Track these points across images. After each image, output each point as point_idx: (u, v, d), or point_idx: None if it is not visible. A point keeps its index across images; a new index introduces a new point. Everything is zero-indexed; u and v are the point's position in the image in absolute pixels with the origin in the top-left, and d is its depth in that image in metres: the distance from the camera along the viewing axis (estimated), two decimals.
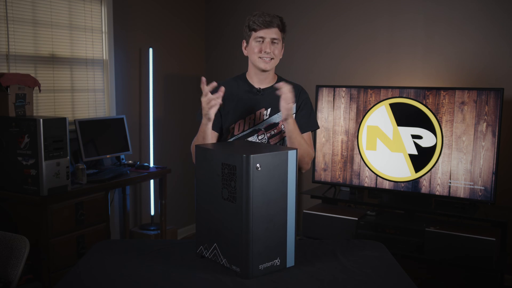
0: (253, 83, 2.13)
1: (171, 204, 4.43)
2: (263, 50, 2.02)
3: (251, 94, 2.12)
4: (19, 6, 3.22)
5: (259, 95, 2.11)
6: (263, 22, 2.00)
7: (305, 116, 2.16)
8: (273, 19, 2.01)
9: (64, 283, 1.63)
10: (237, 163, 1.58)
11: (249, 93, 2.12)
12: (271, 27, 2.01)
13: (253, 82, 2.13)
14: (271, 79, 2.14)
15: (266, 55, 2.03)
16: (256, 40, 2.03)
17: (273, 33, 2.02)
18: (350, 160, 3.62)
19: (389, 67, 3.94)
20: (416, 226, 3.26)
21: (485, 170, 3.18)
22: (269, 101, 2.11)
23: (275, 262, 1.67)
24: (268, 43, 2.02)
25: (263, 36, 2.02)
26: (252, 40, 2.05)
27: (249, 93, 2.12)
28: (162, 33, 4.38)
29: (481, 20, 3.59)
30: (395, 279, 1.70)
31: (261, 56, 2.04)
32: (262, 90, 2.12)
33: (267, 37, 2.02)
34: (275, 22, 2.01)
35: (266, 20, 2.00)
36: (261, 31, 2.01)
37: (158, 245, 1.96)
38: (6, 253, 2.08)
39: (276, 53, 2.05)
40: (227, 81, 2.16)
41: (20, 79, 2.97)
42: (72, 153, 3.47)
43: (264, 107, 2.11)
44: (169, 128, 4.51)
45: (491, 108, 3.14)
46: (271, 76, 2.13)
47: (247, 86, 2.13)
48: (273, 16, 2.03)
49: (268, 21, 2.00)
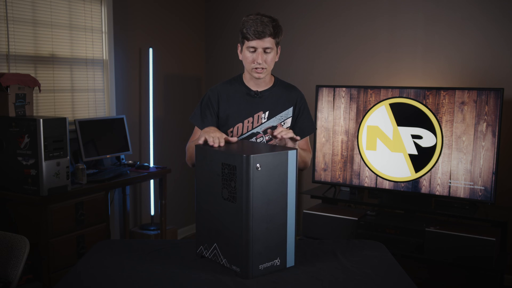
0: (250, 86, 2.13)
1: (171, 204, 4.43)
2: (255, 61, 2.02)
3: (249, 97, 2.11)
4: (19, 6, 3.22)
5: (257, 98, 2.11)
6: (255, 33, 1.97)
7: (305, 120, 2.17)
8: (265, 29, 1.97)
9: (64, 283, 1.63)
10: (237, 163, 1.58)
11: (247, 96, 2.11)
12: (263, 38, 1.98)
13: (249, 85, 2.13)
14: (267, 82, 2.14)
15: (258, 65, 2.02)
16: (248, 50, 2.02)
17: (265, 43, 1.99)
18: (350, 160, 3.62)
19: (389, 67, 3.94)
20: (416, 226, 3.26)
21: (485, 170, 3.18)
22: (267, 104, 2.11)
23: (275, 262, 1.67)
24: (260, 53, 2.00)
25: (255, 46, 2.00)
26: (245, 48, 2.04)
27: (247, 96, 2.11)
28: (162, 33, 4.38)
29: (481, 20, 3.59)
30: (395, 279, 1.70)
31: (254, 67, 2.03)
32: (260, 93, 2.12)
33: (259, 48, 2.00)
34: (267, 31, 1.97)
35: (258, 30, 1.96)
36: (253, 41, 1.99)
37: (158, 245, 1.96)
38: (6, 253, 2.08)
39: (268, 61, 2.03)
40: (223, 84, 2.15)
41: (20, 79, 2.97)
42: (72, 153, 3.47)
43: (262, 110, 2.11)
44: (169, 128, 4.51)
45: (491, 108, 3.14)
46: (267, 79, 2.13)
47: (245, 88, 2.12)
48: (266, 23, 1.98)
49: (260, 32, 1.96)
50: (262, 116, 2.10)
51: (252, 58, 2.02)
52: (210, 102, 2.11)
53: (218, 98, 2.11)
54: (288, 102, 2.14)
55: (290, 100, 2.14)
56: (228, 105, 2.10)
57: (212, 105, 2.11)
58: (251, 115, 2.10)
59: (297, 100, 2.16)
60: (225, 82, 2.17)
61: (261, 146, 1.84)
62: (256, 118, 2.10)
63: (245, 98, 2.11)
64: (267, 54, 2.02)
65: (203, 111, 2.11)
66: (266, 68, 2.03)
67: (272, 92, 2.13)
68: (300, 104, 2.16)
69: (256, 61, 2.01)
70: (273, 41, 2.01)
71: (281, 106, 2.13)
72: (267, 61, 2.02)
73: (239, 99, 2.11)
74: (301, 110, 2.16)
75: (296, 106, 2.15)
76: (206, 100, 2.12)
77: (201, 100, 2.15)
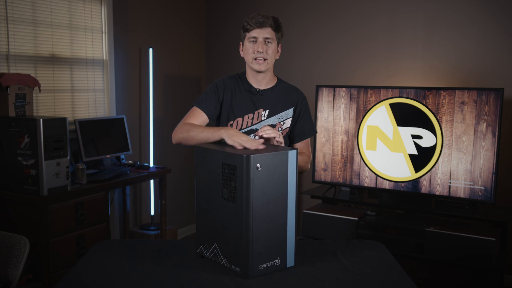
0: (252, 84, 2.14)
1: (171, 204, 4.43)
2: (256, 50, 2.03)
3: (251, 94, 2.13)
4: (19, 6, 3.22)
5: (258, 95, 2.12)
6: (256, 23, 2.01)
7: (306, 123, 2.18)
8: (266, 20, 2.02)
9: (64, 283, 1.63)
10: (237, 163, 1.58)
11: (248, 92, 2.13)
12: (264, 27, 2.02)
13: (252, 83, 2.14)
14: (269, 81, 2.15)
15: (259, 55, 2.04)
16: (249, 40, 2.05)
17: (266, 32, 2.03)
18: (350, 160, 3.62)
19: (389, 67, 3.94)
20: (416, 226, 3.26)
21: (485, 170, 3.18)
22: (268, 102, 2.13)
23: (275, 262, 1.67)
24: (261, 43, 2.03)
25: (256, 36, 2.03)
26: (246, 40, 2.07)
27: (249, 92, 2.13)
28: (162, 33, 4.38)
29: (481, 20, 3.59)
30: (395, 279, 1.70)
31: (255, 57, 2.05)
32: (261, 91, 2.13)
33: (260, 37, 2.03)
34: (268, 22, 2.02)
35: (258, 20, 2.01)
36: (254, 31, 2.03)
37: (158, 245, 1.96)
38: (6, 253, 2.08)
39: (269, 53, 2.05)
40: (230, 77, 2.17)
41: (20, 79, 2.97)
42: (72, 153, 3.47)
43: (263, 108, 2.12)
44: (169, 128, 4.48)
45: (491, 108, 3.14)
46: (269, 77, 2.14)
47: (247, 85, 2.14)
48: (266, 16, 2.04)
49: (260, 22, 2.01)
50: (262, 113, 2.12)
51: (253, 48, 2.04)
52: (217, 89, 2.12)
53: (225, 89, 2.13)
54: (289, 102, 2.15)
55: (291, 101, 2.15)
56: (231, 98, 2.12)
57: (219, 92, 2.12)
58: (251, 111, 2.11)
59: (298, 102, 2.16)
60: (231, 76, 2.19)
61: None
62: (257, 115, 2.11)
63: (248, 94, 2.13)
64: (268, 45, 2.04)
65: (208, 96, 2.11)
66: (267, 59, 2.05)
67: (274, 92, 2.14)
68: (301, 106, 2.17)
69: (257, 50, 2.03)
70: (273, 33, 2.04)
71: (282, 106, 2.14)
72: (268, 51, 2.04)
73: (242, 94, 2.13)
74: (301, 112, 2.17)
75: (297, 108, 2.16)
76: (213, 87, 2.13)
77: (207, 88, 2.16)
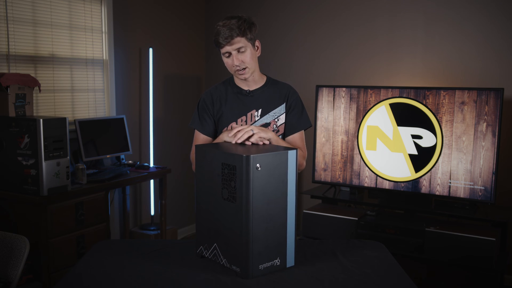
0: (241, 87, 2.15)
1: (171, 204, 4.43)
2: (233, 65, 2.04)
3: (241, 96, 2.13)
4: (19, 6, 3.22)
5: (249, 96, 2.13)
6: (223, 39, 1.99)
7: (296, 115, 2.16)
8: (231, 32, 1.98)
9: (64, 283, 1.63)
10: (237, 163, 1.58)
11: (239, 95, 2.14)
12: (232, 40, 1.99)
13: (241, 85, 2.15)
14: (258, 80, 2.15)
15: (238, 68, 2.04)
16: (224, 56, 2.06)
17: (236, 44, 2.00)
18: (350, 160, 3.62)
19: (389, 67, 3.94)
20: (416, 226, 3.26)
21: (485, 170, 3.18)
22: (259, 102, 2.13)
23: (275, 262, 1.67)
24: (234, 56, 2.02)
25: (228, 51, 2.02)
26: (222, 55, 2.07)
27: (239, 95, 2.14)
28: (162, 33, 4.38)
29: (481, 20, 3.59)
30: (395, 279, 1.70)
31: (235, 70, 2.06)
32: (252, 91, 2.13)
33: (232, 51, 2.02)
34: (234, 33, 1.98)
35: (225, 36, 1.98)
36: (224, 47, 2.01)
37: (158, 245, 1.96)
38: (6, 253, 2.08)
39: (247, 60, 2.03)
40: (216, 86, 2.18)
41: (20, 79, 2.97)
42: (72, 153, 3.47)
43: (255, 108, 2.13)
44: (169, 128, 4.51)
45: (491, 108, 3.14)
46: (256, 77, 2.14)
47: (236, 88, 2.15)
48: (231, 26, 1.98)
49: (227, 36, 1.98)
50: (255, 114, 2.13)
51: (230, 62, 2.05)
52: (206, 105, 2.14)
53: (212, 100, 2.14)
54: (280, 99, 2.15)
55: (282, 97, 2.16)
56: (221, 106, 2.13)
57: (208, 107, 2.14)
58: (244, 114, 2.12)
59: (289, 96, 2.16)
60: (217, 84, 2.20)
61: (261, 146, 1.84)
62: (250, 117, 2.12)
63: (238, 97, 2.13)
64: (242, 54, 2.03)
65: (201, 115, 2.15)
66: (247, 67, 2.05)
67: (264, 91, 2.15)
68: (292, 99, 2.16)
69: (233, 65, 2.04)
70: (243, 39, 2.02)
71: (274, 103, 2.14)
72: (244, 60, 2.04)
73: (231, 99, 2.13)
74: (292, 105, 2.16)
75: (288, 101, 2.16)
76: (201, 104, 2.16)
77: (197, 105, 2.18)
